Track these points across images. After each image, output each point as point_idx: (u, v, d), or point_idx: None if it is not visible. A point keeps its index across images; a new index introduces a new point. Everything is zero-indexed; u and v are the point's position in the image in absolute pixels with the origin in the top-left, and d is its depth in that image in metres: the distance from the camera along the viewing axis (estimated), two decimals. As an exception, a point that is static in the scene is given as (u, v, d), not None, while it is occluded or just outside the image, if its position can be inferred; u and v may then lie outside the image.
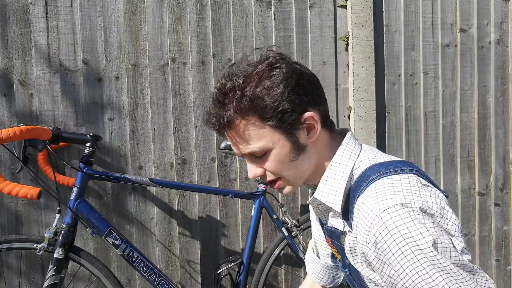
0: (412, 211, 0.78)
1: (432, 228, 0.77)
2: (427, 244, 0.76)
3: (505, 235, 2.41)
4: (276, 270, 2.06)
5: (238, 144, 0.90)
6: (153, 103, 1.87)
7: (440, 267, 0.76)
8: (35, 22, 1.73)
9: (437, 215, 0.80)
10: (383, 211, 0.79)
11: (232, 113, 0.86)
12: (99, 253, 1.84)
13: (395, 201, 0.79)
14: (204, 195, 1.95)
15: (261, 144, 0.88)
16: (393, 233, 0.77)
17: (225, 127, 0.88)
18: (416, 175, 0.87)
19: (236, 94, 0.85)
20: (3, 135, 1.24)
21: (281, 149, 0.89)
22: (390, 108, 2.18)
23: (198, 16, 1.91)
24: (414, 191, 0.82)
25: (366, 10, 2.08)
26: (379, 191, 0.82)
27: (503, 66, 2.35)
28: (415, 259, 0.76)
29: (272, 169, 0.91)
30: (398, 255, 0.78)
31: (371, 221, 0.80)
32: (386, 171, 0.86)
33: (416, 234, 0.76)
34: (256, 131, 0.87)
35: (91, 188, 1.82)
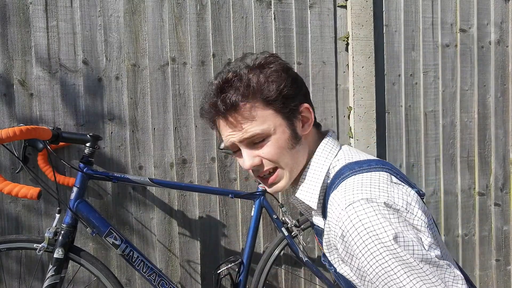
0: (377, 205, 0.80)
1: (396, 222, 0.79)
2: (388, 237, 0.77)
3: (505, 235, 2.41)
4: (276, 270, 2.06)
5: (241, 125, 0.90)
6: (153, 103, 1.87)
7: (401, 261, 0.77)
8: (35, 22, 1.74)
9: (402, 210, 0.81)
10: (349, 205, 0.81)
11: (238, 97, 0.88)
12: (99, 253, 1.84)
13: (360, 196, 0.81)
14: (204, 195, 1.95)
15: (264, 127, 0.90)
16: (357, 227, 0.79)
17: (229, 110, 0.89)
18: (388, 173, 0.89)
19: (242, 79, 0.89)
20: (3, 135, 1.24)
21: (281, 135, 0.91)
22: (390, 108, 2.18)
23: (198, 16, 1.91)
24: (381, 187, 0.83)
25: (366, 10, 2.08)
26: (348, 187, 0.85)
27: (503, 66, 2.35)
28: (377, 252, 0.78)
29: (271, 154, 0.91)
30: (362, 248, 0.79)
31: (338, 215, 0.83)
32: (359, 169, 0.89)
33: (378, 227, 0.78)
34: (260, 114, 0.90)
35: (91, 188, 1.82)
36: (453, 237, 2.32)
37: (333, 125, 2.10)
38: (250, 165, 0.92)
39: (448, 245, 2.30)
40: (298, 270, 2.10)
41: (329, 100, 2.09)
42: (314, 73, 2.06)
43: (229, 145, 0.95)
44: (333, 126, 2.10)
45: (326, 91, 2.08)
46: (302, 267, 2.09)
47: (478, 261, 2.37)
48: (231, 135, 0.92)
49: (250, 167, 0.92)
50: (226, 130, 0.93)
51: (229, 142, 0.93)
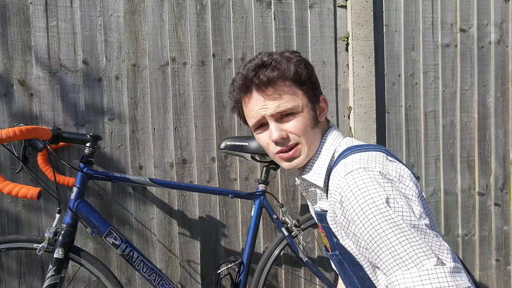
0: (372, 172, 0.89)
1: (389, 189, 0.87)
2: (381, 200, 0.85)
3: (505, 235, 2.41)
4: (276, 270, 2.06)
5: (275, 99, 1.00)
6: (153, 103, 1.87)
7: (392, 222, 0.83)
8: (35, 22, 1.74)
9: (395, 180, 0.89)
10: (348, 173, 0.91)
11: (277, 74, 1.00)
12: (99, 253, 1.84)
13: (357, 166, 0.91)
14: (204, 195, 1.95)
15: (295, 103, 1.01)
16: (354, 191, 0.88)
17: (267, 84, 1.00)
18: (384, 153, 0.98)
19: (278, 61, 1.02)
20: (3, 135, 1.24)
21: (306, 114, 1.03)
22: (390, 108, 2.18)
23: (198, 16, 1.91)
24: (377, 160, 0.93)
25: (366, 10, 2.08)
26: (348, 161, 0.95)
27: (503, 66, 2.35)
28: (371, 215, 0.85)
29: (297, 129, 1.01)
30: (358, 211, 0.87)
31: (338, 182, 0.92)
32: (357, 149, 0.99)
33: (373, 191, 0.86)
34: (293, 92, 1.02)
35: (91, 188, 1.82)
36: (453, 237, 2.32)
37: (333, 125, 2.10)
38: (279, 136, 1.01)
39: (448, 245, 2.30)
40: (298, 270, 2.10)
41: (329, 100, 2.09)
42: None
43: (257, 120, 1.03)
44: (333, 126, 2.10)
45: (326, 91, 2.08)
46: (302, 267, 2.09)
47: (478, 261, 2.37)
48: (263, 108, 1.01)
49: (279, 137, 1.01)
50: (258, 104, 1.02)
51: (260, 115, 1.02)
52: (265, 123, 1.04)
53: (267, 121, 1.03)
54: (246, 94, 1.04)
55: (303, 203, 2.08)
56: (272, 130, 1.01)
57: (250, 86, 1.03)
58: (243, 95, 1.05)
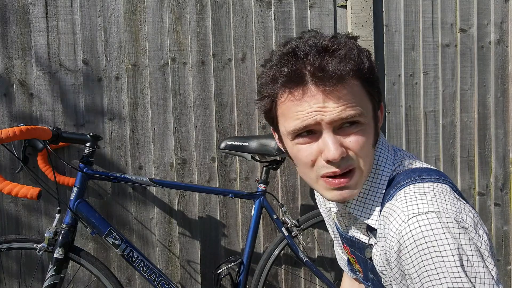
0: (446, 220, 0.67)
1: (465, 244, 0.67)
2: (454, 262, 0.66)
3: (505, 235, 2.41)
4: (276, 270, 2.06)
5: (340, 102, 0.71)
6: (153, 103, 1.87)
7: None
8: (35, 22, 1.73)
9: (471, 229, 0.69)
10: (412, 217, 0.69)
11: (347, 68, 0.71)
12: (99, 253, 1.84)
13: (426, 208, 0.69)
14: (204, 195, 1.95)
15: (363, 111, 0.74)
16: (418, 243, 0.67)
17: (333, 80, 0.71)
18: (450, 187, 0.77)
19: (348, 49, 0.73)
20: (3, 135, 1.24)
21: (370, 128, 0.77)
22: (390, 108, 2.18)
23: (198, 16, 1.91)
24: (448, 200, 0.71)
25: (366, 10, 2.08)
26: (408, 197, 0.72)
27: (503, 66, 2.35)
28: (436, 276, 0.66)
29: (360, 147, 0.74)
30: (420, 269, 0.68)
31: (397, 227, 0.70)
32: (418, 177, 0.77)
33: (444, 248, 0.66)
34: (361, 95, 0.75)
35: (91, 188, 1.82)
36: (453, 237, 2.32)
37: (333, 125, 2.10)
38: (340, 154, 0.72)
39: None
40: (298, 270, 2.10)
41: (329, 100, 2.09)
42: (314, 73, 2.06)
43: (305, 125, 0.74)
44: (333, 126, 2.10)
45: (326, 91, 2.08)
46: (302, 267, 2.09)
47: (478, 261, 2.36)
48: (320, 111, 0.72)
49: (339, 156, 0.72)
50: (314, 103, 0.72)
51: (313, 119, 0.72)
52: (314, 131, 0.75)
53: (318, 129, 0.74)
54: (298, 86, 0.73)
55: (303, 203, 2.08)
56: (329, 144, 0.72)
57: (305, 77, 0.72)
58: (290, 87, 0.74)
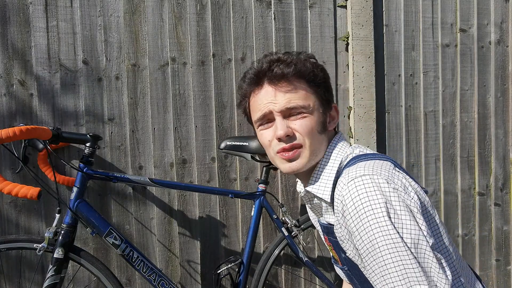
0: (378, 180, 0.82)
1: (394, 199, 0.80)
2: (383, 213, 0.78)
3: (505, 235, 2.41)
4: (276, 270, 2.06)
5: (287, 95, 0.95)
6: (153, 103, 1.87)
7: (389, 240, 0.77)
8: (35, 22, 1.74)
9: (401, 190, 0.82)
10: (350, 181, 0.84)
11: (291, 70, 0.96)
12: (99, 253, 1.84)
13: (362, 172, 0.85)
14: (204, 195, 1.95)
15: (306, 102, 0.97)
16: (355, 200, 0.82)
17: (281, 78, 0.96)
18: (392, 163, 0.93)
19: (294, 59, 0.98)
20: (3, 135, 1.24)
21: (315, 117, 0.98)
22: (390, 108, 2.18)
23: (198, 16, 1.91)
24: (384, 168, 0.87)
25: (366, 10, 2.08)
26: (352, 169, 0.89)
27: (503, 66, 2.35)
28: (369, 227, 0.79)
29: (303, 129, 0.95)
30: (357, 223, 0.81)
31: (340, 191, 0.86)
32: (364, 157, 0.94)
33: (374, 202, 0.79)
34: (305, 91, 0.98)
35: (91, 188, 1.82)
36: (453, 237, 2.31)
37: (333, 125, 2.10)
38: (285, 132, 0.94)
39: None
40: (298, 270, 2.10)
41: (329, 100, 2.09)
42: (314, 73, 2.06)
43: (263, 114, 0.98)
44: (333, 126, 2.10)
45: (326, 91, 2.08)
46: (302, 267, 2.09)
47: (478, 261, 2.37)
48: (272, 103, 0.96)
49: (284, 134, 0.94)
50: (267, 97, 0.97)
51: (267, 109, 0.97)
52: (271, 119, 0.98)
53: (273, 118, 0.97)
54: (257, 86, 0.99)
55: (303, 203, 2.08)
56: (278, 126, 0.95)
57: (262, 78, 0.98)
58: (253, 88, 1.00)
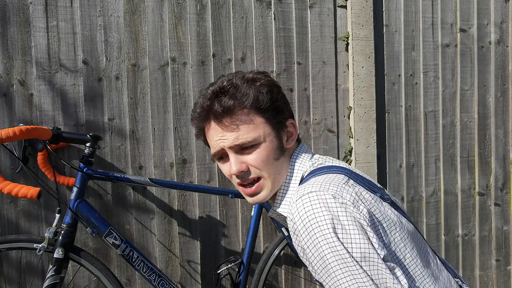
0: (324, 196, 0.82)
1: (341, 214, 0.80)
2: (329, 230, 0.79)
3: (505, 235, 2.41)
4: (276, 270, 2.06)
5: (234, 130, 0.93)
6: (153, 103, 1.87)
7: (338, 255, 0.78)
8: (35, 22, 1.74)
9: (349, 204, 0.82)
10: (298, 199, 0.84)
11: (234, 102, 0.92)
12: (99, 253, 1.84)
13: (309, 189, 0.84)
14: (204, 195, 1.95)
15: (255, 134, 0.93)
16: (303, 218, 0.82)
17: (224, 113, 0.92)
18: (346, 176, 0.91)
19: (237, 87, 0.94)
20: (3, 135, 1.24)
21: (269, 144, 0.95)
22: (390, 108, 2.18)
23: (198, 16, 1.91)
24: (332, 183, 0.86)
25: (366, 10, 2.08)
26: (302, 186, 0.89)
27: (503, 66, 2.35)
28: (318, 244, 0.80)
29: (257, 162, 0.93)
30: (307, 240, 0.81)
31: (290, 209, 0.86)
32: (319, 172, 0.93)
33: (320, 219, 0.80)
34: (253, 121, 0.94)
35: (91, 188, 1.82)
36: (453, 237, 2.32)
37: (333, 125, 2.10)
38: (237, 170, 0.93)
39: (448, 245, 2.30)
40: (298, 270, 2.10)
41: (329, 100, 2.09)
42: (314, 73, 2.06)
43: (217, 151, 0.96)
44: (333, 126, 2.10)
45: (326, 91, 2.08)
46: (302, 267, 2.09)
47: (478, 261, 2.37)
48: (221, 140, 0.94)
49: (237, 171, 0.93)
50: (217, 134, 0.95)
51: (219, 147, 0.95)
52: (226, 154, 0.96)
53: (226, 153, 0.96)
54: (205, 122, 0.97)
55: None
56: (232, 163, 0.94)
57: (208, 116, 0.96)
58: (203, 123, 0.98)
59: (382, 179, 2.17)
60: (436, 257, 1.00)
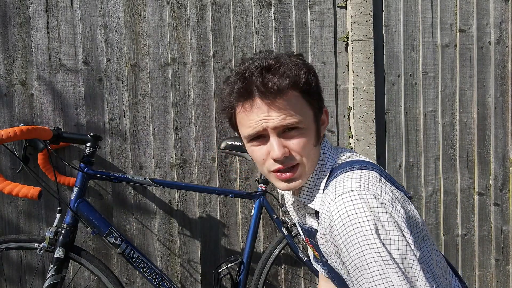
0: (365, 196, 0.81)
1: (382, 215, 0.80)
2: (371, 231, 0.78)
3: (504, 234, 2.42)
4: (276, 269, 2.07)
5: (282, 111, 0.86)
6: (153, 103, 1.88)
7: (378, 257, 0.78)
8: (36, 22, 1.74)
9: (388, 204, 0.82)
10: (338, 196, 0.83)
11: (286, 82, 0.86)
12: (100, 252, 1.85)
13: (349, 188, 0.83)
14: (204, 195, 1.96)
15: (302, 118, 0.89)
16: (343, 217, 0.81)
17: (275, 93, 0.86)
18: (377, 173, 0.91)
19: (287, 67, 0.88)
20: (3, 135, 1.24)
21: (311, 130, 0.92)
22: (390, 108, 2.19)
23: (198, 17, 1.92)
24: (370, 182, 0.85)
25: (366, 10, 2.09)
26: (338, 182, 0.87)
27: (502, 66, 2.36)
28: (357, 244, 0.79)
29: (300, 147, 0.89)
30: (345, 239, 0.81)
31: (328, 206, 0.85)
32: (350, 167, 0.92)
33: (362, 219, 0.79)
34: (301, 104, 0.90)
35: (92, 188, 1.83)
36: (452, 236, 2.32)
37: (333, 125, 2.10)
38: (282, 154, 0.88)
39: (447, 245, 2.31)
40: (298, 269, 2.10)
41: (329, 100, 2.10)
42: (314, 73, 2.07)
43: (256, 131, 0.89)
44: (333, 126, 2.10)
45: (326, 91, 2.09)
46: (302, 267, 2.10)
47: (477, 260, 2.37)
48: (265, 120, 0.87)
49: (282, 155, 0.88)
50: (261, 113, 0.87)
51: (260, 127, 0.88)
52: (264, 135, 0.90)
53: (266, 134, 0.89)
54: (247, 100, 0.88)
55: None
56: (274, 146, 0.88)
57: (253, 92, 0.87)
58: (242, 101, 0.89)
59: (382, 179, 2.17)
60: (441, 255, 1.02)
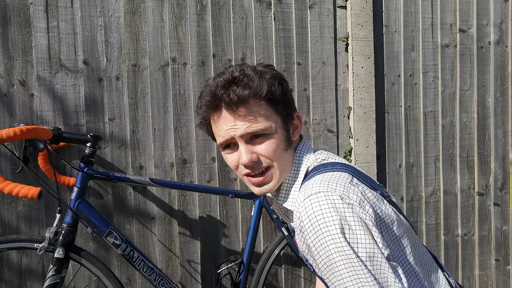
0: (332, 197, 0.84)
1: (348, 215, 0.82)
2: (337, 230, 0.81)
3: (504, 235, 2.42)
4: (276, 269, 2.07)
5: (246, 119, 0.92)
6: (153, 103, 1.88)
7: (344, 255, 0.80)
8: (36, 22, 1.74)
9: (356, 205, 0.84)
10: (306, 198, 0.86)
11: (248, 92, 0.92)
12: (100, 252, 1.85)
13: (317, 189, 0.86)
14: (204, 195, 1.96)
15: (267, 124, 0.94)
16: (311, 218, 0.84)
17: (238, 103, 0.91)
18: (349, 174, 0.93)
19: (250, 78, 0.93)
20: (3, 135, 1.24)
21: (279, 135, 0.96)
22: (390, 108, 2.19)
23: (198, 17, 1.92)
24: (339, 183, 0.88)
25: (366, 10, 2.09)
26: (309, 184, 0.90)
27: (502, 66, 2.36)
28: (324, 244, 0.82)
29: (268, 152, 0.94)
30: (314, 239, 0.83)
31: (297, 207, 0.88)
32: (324, 169, 0.95)
33: (328, 219, 0.82)
34: (265, 111, 0.94)
35: (92, 188, 1.83)
36: (452, 237, 2.32)
37: (333, 125, 2.10)
38: (249, 159, 0.93)
39: (447, 245, 2.31)
40: (298, 269, 2.10)
41: (329, 100, 2.10)
42: (314, 73, 2.07)
43: (225, 140, 0.95)
44: (333, 126, 2.10)
45: (326, 91, 2.09)
46: (302, 267, 2.10)
47: (477, 260, 2.37)
48: (232, 129, 0.93)
49: (249, 161, 0.93)
50: (227, 123, 0.94)
51: (229, 135, 0.94)
52: (234, 143, 0.96)
53: (236, 142, 0.95)
54: (215, 112, 0.95)
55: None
56: (242, 153, 0.94)
57: (219, 104, 0.94)
58: (211, 113, 0.96)
59: (382, 179, 2.18)
60: (427, 252, 1.03)
